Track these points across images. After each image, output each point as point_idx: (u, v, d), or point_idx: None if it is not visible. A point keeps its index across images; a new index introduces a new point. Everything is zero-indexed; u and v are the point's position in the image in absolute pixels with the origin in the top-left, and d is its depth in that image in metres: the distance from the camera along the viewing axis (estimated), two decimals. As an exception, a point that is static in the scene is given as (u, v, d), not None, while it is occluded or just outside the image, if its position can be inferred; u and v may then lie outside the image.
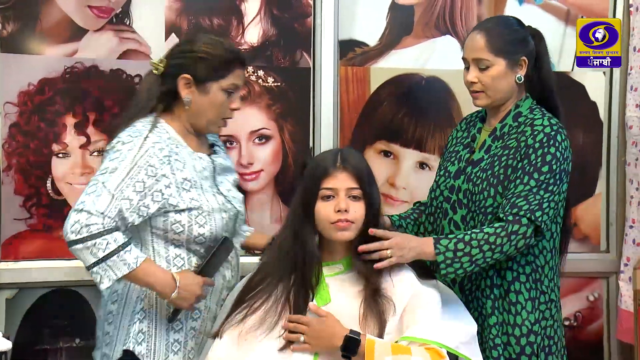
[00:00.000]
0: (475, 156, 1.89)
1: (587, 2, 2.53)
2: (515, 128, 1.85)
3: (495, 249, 1.72)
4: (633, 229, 2.48)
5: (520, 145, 1.81)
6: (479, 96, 1.87)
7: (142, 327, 1.76)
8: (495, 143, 1.87)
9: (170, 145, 1.75)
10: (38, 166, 2.21)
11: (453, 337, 1.59)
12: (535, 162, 1.77)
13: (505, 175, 1.81)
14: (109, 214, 1.64)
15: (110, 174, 1.68)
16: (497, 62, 1.83)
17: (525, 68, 1.86)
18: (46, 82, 2.20)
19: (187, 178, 1.75)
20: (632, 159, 2.49)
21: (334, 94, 2.37)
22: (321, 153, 1.83)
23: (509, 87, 1.86)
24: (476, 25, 1.93)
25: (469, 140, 1.95)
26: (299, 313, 1.62)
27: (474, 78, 1.85)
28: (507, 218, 1.74)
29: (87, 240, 1.63)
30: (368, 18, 2.42)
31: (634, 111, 2.49)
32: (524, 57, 1.85)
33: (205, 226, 1.76)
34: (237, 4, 2.33)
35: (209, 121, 1.81)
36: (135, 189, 1.68)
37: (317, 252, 1.65)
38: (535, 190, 1.75)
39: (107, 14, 2.23)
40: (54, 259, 2.23)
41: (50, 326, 2.24)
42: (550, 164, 1.77)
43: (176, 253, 1.77)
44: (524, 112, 1.87)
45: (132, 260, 1.66)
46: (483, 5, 2.48)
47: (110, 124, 2.13)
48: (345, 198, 1.64)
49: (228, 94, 1.79)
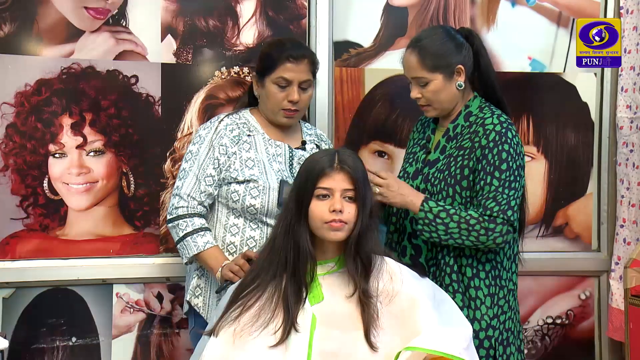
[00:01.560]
0: (431, 157, 1.97)
1: (578, 4, 2.55)
2: (467, 128, 1.93)
3: (471, 232, 1.83)
4: (624, 228, 2.51)
5: (474, 146, 1.88)
6: (427, 109, 1.96)
7: (199, 282, 2.01)
8: (449, 143, 1.95)
9: (243, 129, 2.01)
10: (35, 166, 2.22)
11: (456, 345, 1.60)
12: (493, 162, 1.85)
13: (462, 175, 1.88)
14: (193, 195, 1.95)
15: (194, 158, 1.98)
16: (434, 78, 1.89)
17: (463, 74, 1.92)
18: (43, 83, 2.21)
19: (251, 158, 1.98)
20: (623, 159, 2.51)
21: (328, 95, 2.39)
22: (317, 152, 1.85)
23: (452, 96, 1.93)
24: (409, 43, 1.96)
25: (425, 141, 2.02)
26: (293, 311, 1.63)
27: (417, 94, 1.93)
28: (482, 218, 1.84)
29: (174, 221, 1.95)
30: (362, 19, 2.44)
31: (624, 112, 2.51)
32: (459, 65, 1.91)
33: (257, 198, 1.95)
34: (233, 5, 2.34)
35: (269, 111, 2.02)
36: (214, 165, 1.96)
37: (311, 250, 1.67)
38: (501, 190, 1.84)
39: (104, 15, 2.24)
40: (51, 258, 2.25)
41: (47, 325, 2.25)
42: (507, 162, 1.85)
43: (234, 222, 1.98)
44: (474, 112, 1.94)
45: (202, 244, 1.92)
46: (476, 7, 2.50)
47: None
48: (340, 199, 1.65)
49: (279, 87, 1.96)
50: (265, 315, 1.64)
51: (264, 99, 2.01)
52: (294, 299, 1.64)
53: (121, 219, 2.29)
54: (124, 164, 2.29)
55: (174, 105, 2.31)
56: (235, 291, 1.72)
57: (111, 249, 2.29)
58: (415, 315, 1.64)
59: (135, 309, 2.32)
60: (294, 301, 1.64)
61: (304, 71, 1.98)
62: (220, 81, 2.33)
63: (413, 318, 1.64)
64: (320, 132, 2.20)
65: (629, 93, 2.50)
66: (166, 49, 2.29)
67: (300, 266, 1.66)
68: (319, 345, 1.61)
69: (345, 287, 1.67)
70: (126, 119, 2.28)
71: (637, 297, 2.13)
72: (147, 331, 2.33)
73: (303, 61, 1.98)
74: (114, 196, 2.29)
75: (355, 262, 1.66)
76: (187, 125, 2.31)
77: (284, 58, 1.96)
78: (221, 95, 2.33)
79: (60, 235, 2.26)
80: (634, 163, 2.47)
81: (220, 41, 2.33)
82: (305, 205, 1.66)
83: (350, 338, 1.62)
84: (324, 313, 1.65)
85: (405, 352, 1.58)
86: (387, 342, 1.61)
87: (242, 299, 1.68)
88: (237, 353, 1.61)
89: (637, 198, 2.46)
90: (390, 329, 1.63)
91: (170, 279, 2.31)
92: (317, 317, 1.64)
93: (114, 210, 2.29)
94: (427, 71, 1.89)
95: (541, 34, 2.55)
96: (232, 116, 2.04)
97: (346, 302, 1.65)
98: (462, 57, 1.91)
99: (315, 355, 1.60)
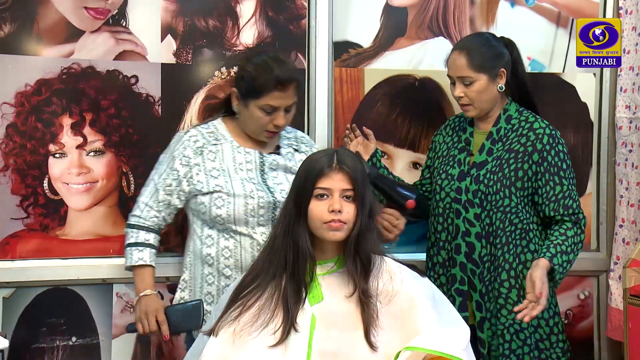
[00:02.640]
0: (477, 159, 2.10)
1: (577, 4, 2.56)
2: (513, 131, 2.09)
3: (579, 245, 2.04)
4: (623, 228, 2.51)
5: (527, 150, 2.05)
6: (468, 109, 2.09)
7: (185, 276, 2.07)
8: (495, 146, 2.09)
9: (209, 139, 2.01)
10: (35, 166, 2.23)
11: (456, 345, 1.61)
12: (554, 163, 2.04)
13: (517, 177, 2.04)
14: (150, 204, 2.01)
15: (157, 167, 2.04)
16: (479, 78, 2.05)
17: (504, 77, 2.08)
18: (43, 83, 2.21)
19: (216, 167, 1.99)
20: (622, 159, 2.52)
21: (328, 95, 2.39)
22: (316, 152, 1.85)
23: (493, 97, 2.09)
24: (456, 45, 2.15)
25: (463, 144, 2.13)
26: (292, 311, 1.64)
27: (460, 93, 2.07)
28: (566, 218, 2.03)
29: (127, 227, 2.04)
30: (362, 20, 2.45)
31: (623, 112, 2.52)
32: (502, 68, 2.07)
33: (222, 208, 1.95)
34: (233, 5, 2.34)
35: (251, 132, 2.01)
36: (173, 176, 1.98)
37: (310, 250, 1.67)
38: (572, 188, 2.06)
39: (104, 16, 2.24)
40: (51, 258, 2.25)
41: (47, 325, 2.26)
42: (565, 161, 2.06)
43: (208, 233, 2.00)
44: (513, 115, 2.12)
45: (135, 259, 2.00)
46: (475, 8, 2.50)
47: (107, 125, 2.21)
48: (339, 199, 1.66)
49: (265, 112, 1.94)
50: (265, 315, 1.64)
51: (246, 120, 1.98)
52: (293, 299, 1.65)
53: (121, 218, 2.29)
54: (124, 164, 2.29)
55: (174, 106, 2.31)
56: (235, 291, 1.72)
57: (111, 249, 2.29)
58: (414, 315, 1.64)
59: (135, 309, 2.32)
60: (293, 301, 1.65)
61: (290, 96, 1.94)
62: (220, 81, 2.34)
63: (412, 318, 1.64)
64: (302, 135, 2.18)
65: (628, 93, 2.50)
66: (166, 49, 2.30)
67: (300, 266, 1.66)
68: (318, 345, 1.61)
69: (344, 287, 1.68)
70: (126, 119, 2.28)
71: (636, 296, 2.14)
72: (147, 331, 2.33)
73: (290, 87, 1.93)
74: (114, 196, 2.29)
75: (355, 262, 1.67)
76: (187, 126, 2.31)
77: (271, 87, 1.90)
78: (221, 96, 2.33)
79: (61, 235, 2.26)
80: (633, 163, 2.48)
81: (220, 41, 2.33)
82: (304, 206, 1.66)
83: (349, 338, 1.62)
84: (324, 313, 1.65)
85: (405, 352, 1.58)
86: (387, 341, 1.62)
87: (242, 298, 1.68)
88: (237, 353, 1.61)
89: (636, 198, 2.46)
90: (390, 329, 1.63)
91: (169, 278, 2.31)
92: (316, 317, 1.64)
93: (114, 210, 2.29)
94: (473, 71, 2.03)
95: (540, 34, 2.55)
96: (199, 127, 2.04)
97: (346, 302, 1.66)
98: (505, 62, 2.07)
99: (315, 355, 1.61)
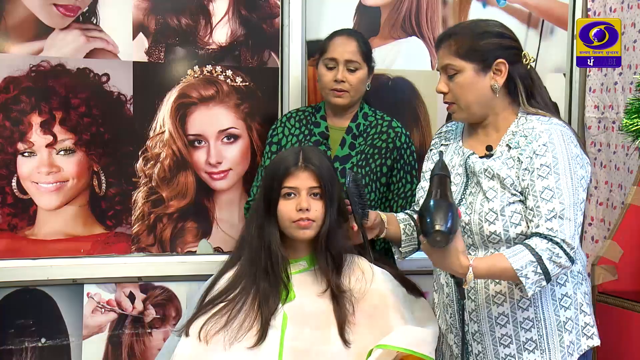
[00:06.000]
0: (339, 153, 2.11)
1: (548, 6, 2.59)
2: (372, 127, 2.15)
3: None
4: (592, 226, 2.55)
5: (389, 147, 2.11)
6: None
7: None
8: (357, 140, 2.14)
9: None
10: (3, 165, 2.19)
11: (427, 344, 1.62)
12: (409, 162, 2.14)
13: (381, 172, 2.10)
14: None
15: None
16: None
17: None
18: (11, 81, 2.18)
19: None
20: (591, 159, 2.55)
21: (301, 94, 2.39)
22: (283, 151, 1.85)
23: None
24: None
25: (318, 137, 2.14)
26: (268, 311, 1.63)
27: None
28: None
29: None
30: (335, 19, 2.44)
31: (592, 112, 2.56)
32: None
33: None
34: (205, 4, 2.33)
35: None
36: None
37: (282, 251, 1.67)
38: (415, 188, 2.04)
39: (74, 13, 2.22)
40: (19, 258, 2.21)
41: (16, 326, 2.22)
42: (417, 161, 2.13)
43: None
44: (369, 112, 2.18)
45: None
46: (448, 8, 2.52)
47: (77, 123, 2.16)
48: (306, 197, 1.66)
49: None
50: (237, 314, 1.64)
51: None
52: (268, 299, 1.65)
53: (92, 218, 2.26)
54: (95, 163, 2.26)
55: (145, 104, 2.29)
56: (206, 290, 1.72)
57: (82, 249, 2.27)
58: (386, 313, 1.65)
59: (106, 309, 2.29)
60: (268, 301, 1.64)
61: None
62: (192, 80, 2.32)
63: (384, 316, 1.65)
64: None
65: (596, 93, 2.54)
66: (138, 47, 2.28)
67: (273, 266, 1.66)
68: (290, 344, 1.62)
69: (317, 284, 1.68)
70: (97, 118, 2.25)
71: (605, 294, 2.17)
72: (119, 331, 2.31)
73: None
74: (84, 195, 2.27)
75: (326, 259, 1.67)
76: (159, 124, 2.29)
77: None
78: (194, 94, 2.32)
79: (30, 235, 2.23)
80: (601, 162, 2.52)
81: (192, 40, 2.32)
82: (273, 205, 1.67)
83: (322, 335, 1.63)
84: (295, 311, 1.65)
85: (376, 350, 1.59)
86: (359, 339, 1.63)
87: (215, 298, 1.68)
88: (210, 352, 1.61)
89: (604, 197, 2.50)
90: (362, 326, 1.64)
91: (142, 278, 2.29)
92: (288, 315, 1.65)
93: (84, 209, 2.27)
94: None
95: (512, 35, 2.58)
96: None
97: (318, 300, 1.66)
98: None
99: (287, 353, 1.61)
